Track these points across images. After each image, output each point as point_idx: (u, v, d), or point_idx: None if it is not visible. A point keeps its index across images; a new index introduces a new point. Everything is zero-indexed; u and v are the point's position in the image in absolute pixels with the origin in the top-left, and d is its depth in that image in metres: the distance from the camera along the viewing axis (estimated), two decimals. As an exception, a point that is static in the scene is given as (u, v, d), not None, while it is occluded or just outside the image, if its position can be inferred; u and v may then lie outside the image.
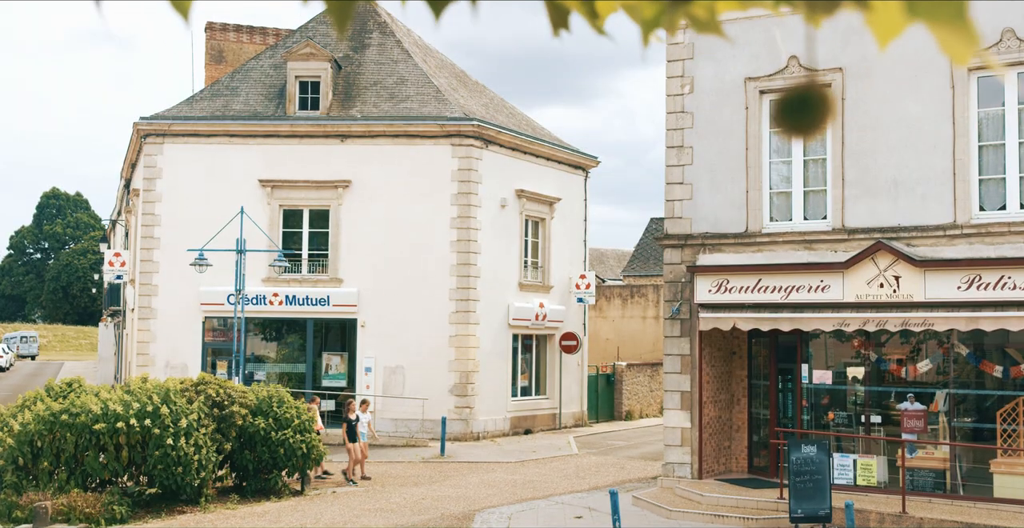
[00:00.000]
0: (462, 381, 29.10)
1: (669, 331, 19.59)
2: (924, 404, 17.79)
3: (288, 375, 29.37)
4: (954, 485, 17.31)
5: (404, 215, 29.25)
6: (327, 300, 29.24)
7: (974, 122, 17.17)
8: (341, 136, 29.73)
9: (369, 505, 18.26)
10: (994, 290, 16.38)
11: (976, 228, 16.82)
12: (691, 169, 19.46)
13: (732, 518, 16.53)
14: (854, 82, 18.07)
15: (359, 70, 31.81)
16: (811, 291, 17.83)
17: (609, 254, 67.59)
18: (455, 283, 29.24)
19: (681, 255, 19.43)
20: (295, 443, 19.06)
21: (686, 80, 19.61)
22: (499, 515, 17.09)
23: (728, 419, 20.03)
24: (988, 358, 17.40)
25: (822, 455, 15.92)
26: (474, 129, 29.49)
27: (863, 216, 17.79)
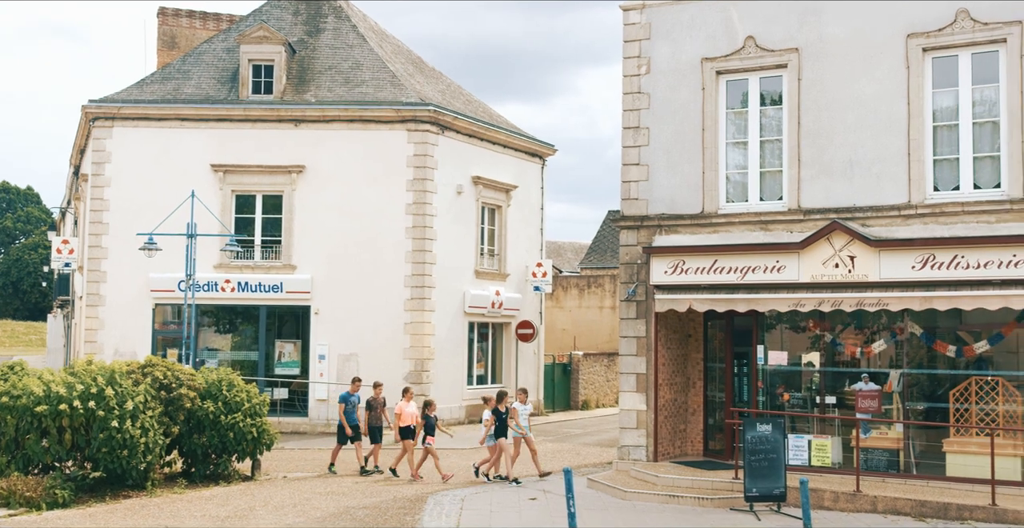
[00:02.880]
0: (417, 369, 28.81)
1: (625, 313, 19.45)
2: (878, 384, 17.80)
3: (240, 363, 28.90)
4: (907, 464, 17.33)
5: (359, 201, 28.90)
6: (280, 287, 28.82)
7: (929, 102, 17.17)
8: (295, 121, 29.31)
9: (320, 489, 17.95)
10: (948, 270, 16.40)
11: (930, 208, 16.83)
12: (647, 150, 19.32)
13: (687, 498, 16.42)
14: (810, 62, 18.01)
15: (314, 54, 31.39)
16: (767, 272, 17.76)
17: (567, 247, 67.53)
18: (410, 270, 28.94)
19: (637, 236, 19.29)
20: (245, 427, 18.71)
21: (643, 60, 19.46)
22: (452, 497, 16.85)
23: (684, 402, 19.93)
24: (941, 338, 17.42)
25: (777, 434, 15.86)
26: (430, 114, 29.19)
27: (819, 197, 17.74)
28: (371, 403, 20.95)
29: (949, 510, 15.10)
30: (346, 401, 21.09)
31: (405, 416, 19.86)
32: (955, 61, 17.08)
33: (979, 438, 16.45)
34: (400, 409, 19.98)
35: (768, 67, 18.43)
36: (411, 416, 19.87)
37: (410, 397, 20.32)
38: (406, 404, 20.04)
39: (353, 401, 21.13)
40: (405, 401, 20.12)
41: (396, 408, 20.19)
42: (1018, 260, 15.90)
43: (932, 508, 15.22)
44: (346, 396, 21.23)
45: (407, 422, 19.80)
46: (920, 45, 17.16)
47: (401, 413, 19.92)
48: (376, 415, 20.87)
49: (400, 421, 19.86)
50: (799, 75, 18.06)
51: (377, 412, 20.89)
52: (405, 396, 20.30)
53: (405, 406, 20.00)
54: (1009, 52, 16.53)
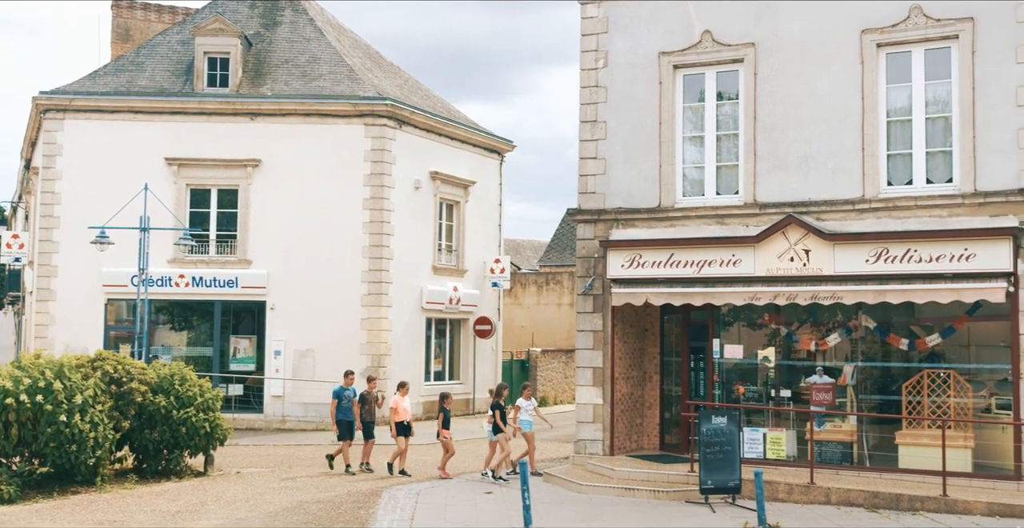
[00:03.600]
0: (374, 365, 28.61)
1: (582, 307, 19.43)
2: (832, 378, 17.91)
3: (195, 359, 28.50)
4: (861, 457, 17.47)
5: (315, 195, 28.64)
6: (235, 282, 28.50)
7: (883, 98, 17.32)
8: (251, 114, 29.00)
9: (274, 484, 17.76)
10: (901, 263, 16.55)
11: (884, 202, 16.97)
12: (604, 144, 19.31)
13: (643, 491, 16.42)
14: (766, 57, 18.09)
15: (270, 47, 31.10)
16: (723, 265, 17.82)
17: (526, 245, 67.47)
18: (367, 265, 28.74)
19: (594, 230, 19.27)
20: (198, 422, 18.43)
21: (600, 54, 19.45)
22: (407, 491, 16.73)
23: (640, 396, 19.95)
24: (895, 332, 17.57)
25: (732, 426, 15.91)
26: (388, 109, 29.01)
27: (774, 191, 17.83)
28: (365, 397, 19.90)
29: (901, 501, 15.22)
30: (339, 396, 20.03)
31: (401, 411, 19.10)
32: (908, 57, 17.24)
33: (931, 430, 16.60)
34: (396, 403, 19.18)
35: (725, 62, 18.49)
36: (407, 411, 19.18)
37: (406, 391, 19.46)
38: (402, 398, 19.25)
39: (348, 396, 20.05)
40: (401, 395, 19.31)
41: (392, 402, 19.34)
42: (969, 254, 16.08)
43: (884, 499, 15.34)
44: (339, 391, 20.14)
45: (403, 417, 19.05)
46: (874, 41, 17.29)
47: (397, 408, 19.13)
48: (369, 410, 19.88)
49: (396, 416, 19.10)
50: (755, 70, 18.13)
51: (370, 406, 19.93)
52: (401, 390, 19.46)
53: (401, 400, 19.20)
54: (961, 48, 16.70)
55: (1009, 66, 16.30)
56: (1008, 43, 16.32)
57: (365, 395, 20.00)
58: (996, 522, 14.16)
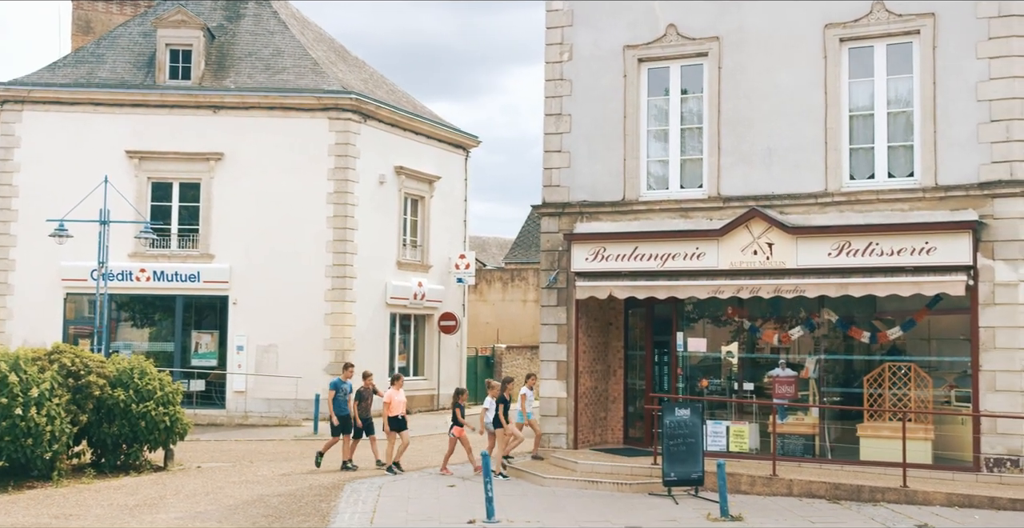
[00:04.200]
0: (338, 360, 28.37)
1: (546, 300, 19.39)
2: (795, 371, 17.99)
3: (156, 354, 28.17)
4: (823, 449, 17.55)
5: (279, 189, 28.42)
6: (197, 276, 28.22)
7: (845, 92, 17.40)
8: (214, 107, 28.72)
9: (235, 478, 17.57)
10: (863, 257, 16.63)
11: (846, 196, 17.05)
12: (569, 137, 19.28)
13: (606, 484, 16.40)
14: (730, 51, 18.13)
15: (233, 40, 30.82)
16: (687, 259, 17.83)
17: (491, 242, 67.34)
18: (331, 260, 28.57)
19: (559, 223, 19.24)
20: (157, 416, 18.21)
21: (565, 47, 19.41)
22: (369, 485, 16.61)
23: (604, 390, 19.93)
24: (856, 325, 17.66)
25: (695, 418, 15.92)
26: (352, 103, 28.83)
27: (738, 184, 17.87)
28: (362, 393, 19.32)
29: (862, 492, 15.30)
30: (337, 388, 19.38)
31: (395, 405, 18.63)
32: (871, 52, 17.33)
33: (892, 423, 16.70)
34: (390, 398, 18.65)
35: (689, 55, 18.51)
36: (401, 405, 18.69)
37: (400, 385, 19.02)
38: (396, 392, 18.75)
39: (345, 389, 19.44)
40: (395, 389, 18.82)
41: (385, 397, 18.77)
42: (930, 247, 16.18)
43: (846, 490, 15.41)
44: (337, 383, 19.53)
45: (396, 412, 18.59)
46: (837, 35, 17.38)
47: (391, 402, 18.62)
48: (366, 406, 19.23)
49: (389, 410, 18.58)
50: (719, 63, 18.16)
51: (367, 403, 19.29)
52: (395, 384, 19.00)
53: (395, 394, 18.71)
54: (922, 43, 16.81)
55: (969, 61, 16.42)
56: (968, 38, 16.44)
57: (362, 391, 19.37)
58: (955, 512, 14.25)
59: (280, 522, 13.55)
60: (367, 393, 19.36)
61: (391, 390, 18.84)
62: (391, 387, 19.03)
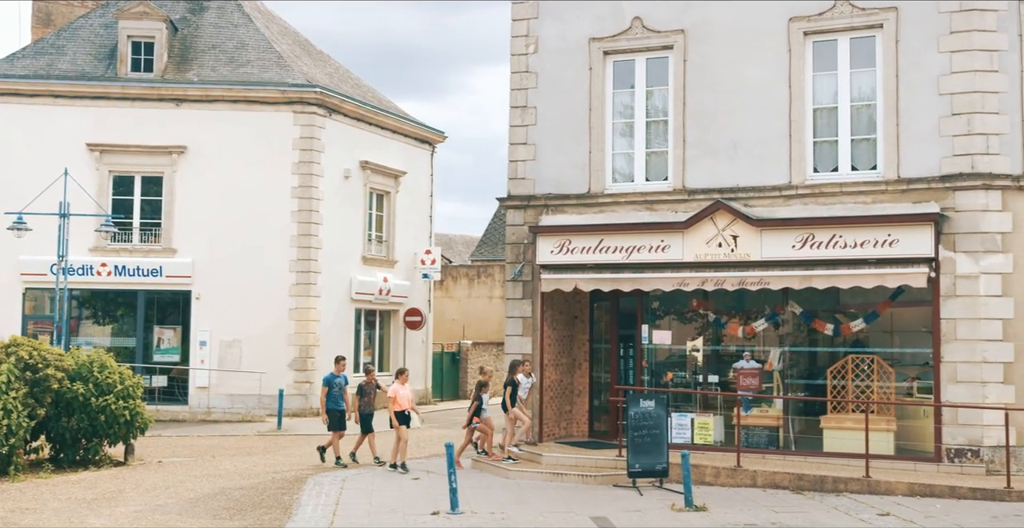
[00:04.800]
0: (302, 355, 28.25)
1: (511, 293, 19.34)
2: (759, 363, 18.05)
3: (117, 350, 27.78)
4: (787, 441, 17.62)
5: (243, 183, 28.15)
6: (159, 271, 27.91)
7: (809, 86, 17.47)
8: (177, 100, 28.42)
9: (196, 472, 17.37)
10: (826, 249, 16.71)
11: (810, 189, 17.13)
12: (534, 130, 19.22)
13: (571, 476, 16.37)
14: (695, 44, 18.15)
15: (196, 33, 30.50)
16: (652, 251, 17.83)
17: (457, 239, 67.22)
18: (296, 254, 28.35)
19: (524, 216, 19.19)
20: (117, 410, 17.95)
21: (531, 39, 19.36)
22: (333, 478, 16.48)
23: (570, 383, 19.90)
24: (820, 317, 17.74)
25: (660, 410, 15.91)
26: (317, 96, 28.63)
27: (703, 177, 17.90)
28: (363, 388, 18.83)
29: (825, 483, 15.37)
30: (330, 384, 18.96)
31: (401, 399, 17.87)
32: (834, 45, 17.42)
33: (855, 415, 16.78)
34: (395, 392, 17.96)
35: (654, 48, 18.52)
36: (406, 399, 18.00)
37: (405, 379, 18.27)
38: (401, 387, 18.07)
39: (339, 383, 19.01)
40: (400, 383, 18.13)
41: (390, 391, 18.06)
42: (893, 240, 16.29)
43: (809, 481, 15.47)
44: (330, 378, 19.08)
45: (402, 407, 17.86)
46: (801, 29, 17.44)
47: (396, 396, 17.89)
48: (367, 402, 18.74)
49: (395, 405, 17.83)
50: (685, 56, 18.19)
51: (369, 398, 18.80)
52: (400, 378, 18.27)
53: (400, 389, 18.03)
54: (885, 37, 16.92)
55: (931, 55, 16.54)
56: (931, 32, 16.56)
57: (364, 386, 18.90)
58: (917, 501, 14.35)
59: (242, 515, 13.40)
60: (369, 388, 18.90)
61: (396, 384, 18.23)
62: (395, 381, 18.38)
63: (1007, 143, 16.24)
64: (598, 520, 12.99)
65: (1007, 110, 16.26)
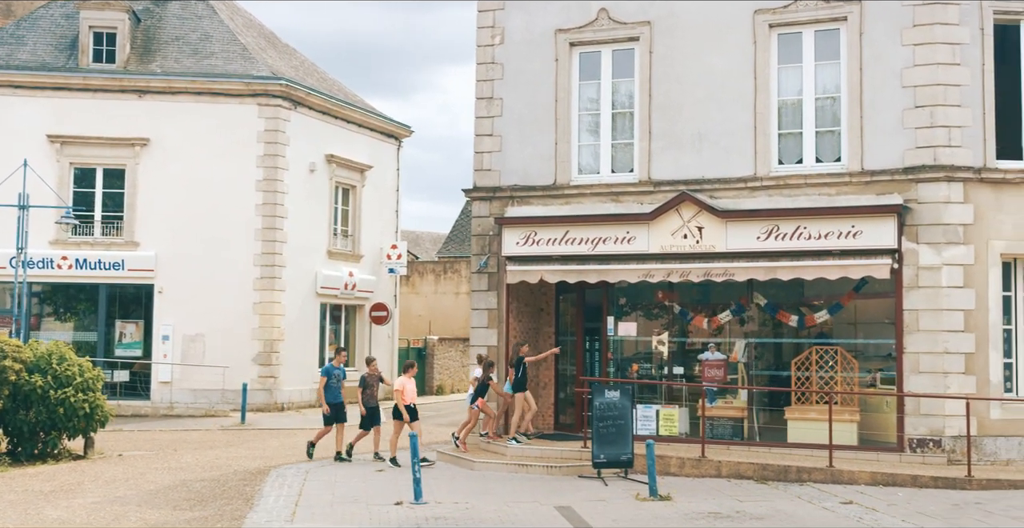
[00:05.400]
0: (266, 350, 28.01)
1: (477, 285, 19.26)
2: (724, 354, 18.08)
3: (78, 344, 27.37)
4: (751, 432, 17.67)
5: (207, 176, 27.87)
6: (121, 264, 27.58)
7: (774, 78, 17.52)
8: (139, 91, 28.08)
9: (157, 465, 17.16)
10: (791, 240, 16.76)
11: (775, 180, 17.18)
12: (500, 121, 19.16)
13: (536, 467, 16.32)
14: (662, 36, 18.15)
15: (160, 24, 30.16)
16: (617, 242, 17.82)
17: (425, 237, 66.95)
18: (260, 248, 28.10)
19: (489, 208, 19.12)
20: (76, 402, 17.69)
21: (496, 30, 19.29)
22: (296, 470, 16.34)
23: (535, 376, 19.80)
24: (785, 309, 17.81)
25: (625, 400, 15.90)
26: (282, 89, 28.39)
27: (669, 169, 17.90)
28: (366, 380, 18.19)
29: (789, 472, 15.42)
30: (329, 375, 18.27)
31: (408, 393, 17.34)
32: (799, 38, 17.49)
33: (818, 406, 16.84)
34: (402, 386, 17.39)
35: (621, 40, 18.51)
36: (413, 393, 17.53)
37: (413, 372, 17.80)
38: (408, 380, 17.54)
39: (337, 374, 18.32)
40: (407, 377, 17.60)
41: (397, 384, 17.50)
42: (856, 231, 16.36)
43: (773, 471, 15.51)
44: (329, 369, 18.42)
45: (410, 400, 17.36)
46: (767, 21, 17.49)
47: (403, 390, 17.32)
48: (370, 394, 18.07)
49: (403, 399, 17.29)
50: (651, 48, 18.18)
51: (372, 391, 18.12)
52: (407, 372, 17.74)
53: (407, 382, 17.48)
54: (849, 30, 17.01)
55: (895, 48, 16.64)
56: (894, 25, 16.65)
57: (367, 378, 18.26)
58: (879, 490, 14.42)
59: (203, 505, 13.24)
60: (372, 380, 18.28)
61: (403, 378, 17.66)
62: (403, 375, 17.83)
63: (969, 136, 16.36)
64: (562, 509, 12.94)
65: (969, 103, 16.38)
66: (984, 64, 16.47)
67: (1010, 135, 16.70)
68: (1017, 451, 15.93)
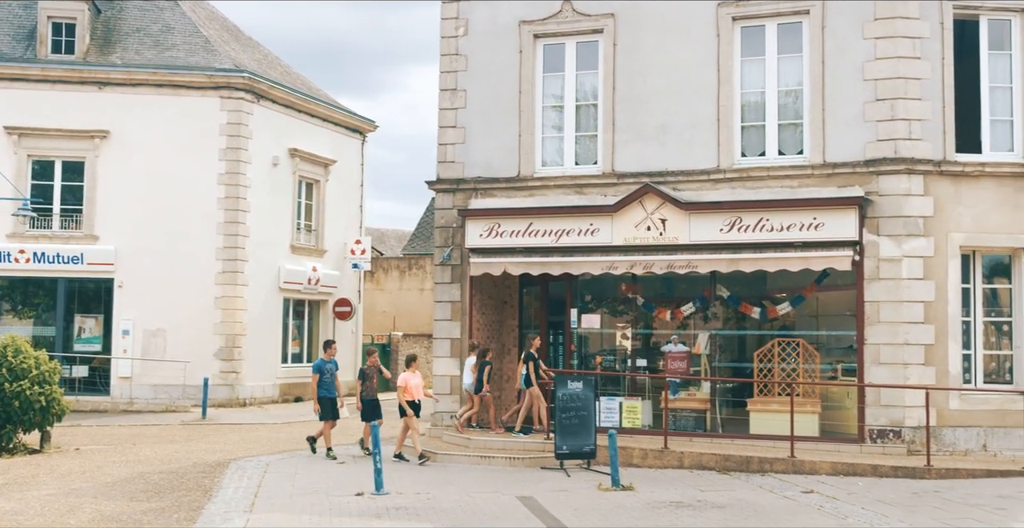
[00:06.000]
0: (228, 345, 27.75)
1: (440, 278, 19.17)
2: (688, 346, 18.10)
3: (36, 339, 27.03)
4: (714, 424, 17.72)
5: (168, 169, 27.55)
6: (81, 258, 27.21)
7: (738, 71, 17.56)
8: (99, 83, 27.72)
9: (115, 458, 16.93)
10: (753, 232, 16.80)
11: (738, 173, 17.22)
12: (464, 113, 19.08)
13: (499, 459, 16.27)
14: (626, 28, 18.15)
15: (120, 15, 29.80)
16: (581, 235, 17.80)
17: (390, 234, 66.67)
18: (222, 242, 27.82)
19: (453, 200, 19.04)
20: (32, 396, 17.40)
21: (460, 22, 19.20)
22: (256, 462, 16.18)
23: (499, 369, 19.77)
24: (747, 301, 17.86)
25: (588, 392, 15.88)
26: (245, 82, 28.13)
27: (632, 161, 17.90)
28: (365, 372, 17.79)
29: (751, 463, 15.46)
30: (321, 370, 17.57)
31: (411, 388, 16.82)
32: (762, 31, 17.53)
33: (780, 397, 16.90)
34: (405, 381, 16.86)
35: (585, 32, 18.48)
36: (418, 388, 16.96)
37: (416, 367, 17.20)
38: (412, 375, 16.98)
39: (330, 369, 17.65)
40: (411, 372, 17.04)
41: (400, 380, 16.96)
42: (818, 223, 16.44)
43: (736, 462, 15.54)
44: (320, 364, 17.67)
45: (414, 395, 16.85)
46: (730, 14, 17.53)
47: (407, 385, 16.81)
48: (370, 387, 17.62)
49: (406, 394, 16.76)
50: (615, 40, 18.17)
51: (371, 383, 17.66)
52: (411, 366, 17.15)
53: (411, 377, 16.93)
54: (811, 23, 17.07)
55: (856, 41, 16.73)
56: (856, 19, 16.74)
57: (366, 370, 17.84)
58: (840, 480, 14.49)
59: (159, 497, 13.06)
60: (371, 372, 17.82)
61: (407, 373, 17.10)
62: (407, 370, 17.21)
63: (929, 129, 16.48)
64: (524, 499, 12.88)
65: (929, 96, 16.51)
66: (944, 58, 16.59)
67: (969, 129, 16.85)
68: (975, 441, 16.07)
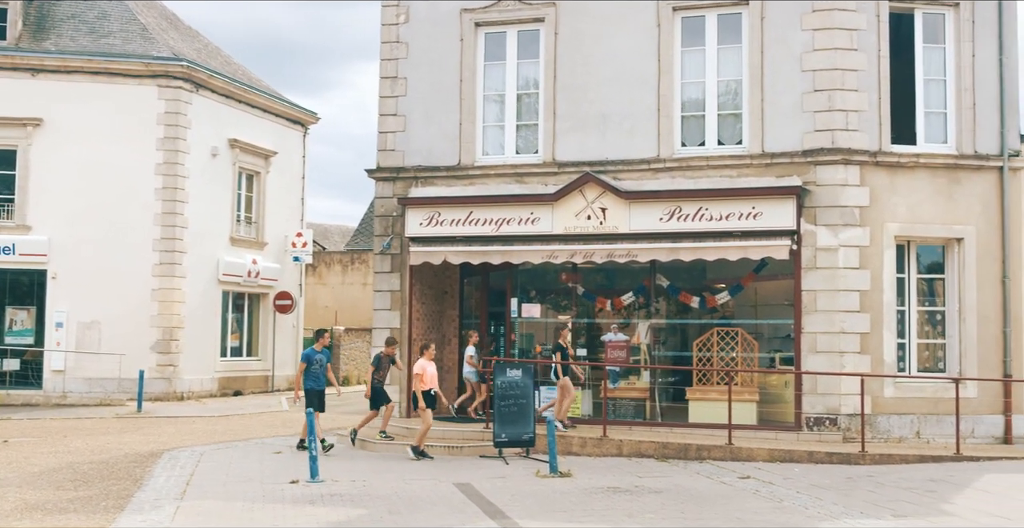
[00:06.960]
0: (165, 338, 27.28)
1: (379, 267, 19.01)
2: (627, 336, 18.12)
3: (-35, 332, 26.50)
4: (654, 413, 17.76)
5: (104, 159, 27.00)
6: (12, 249, 26.58)
7: (678, 60, 17.61)
8: (32, 70, 27.11)
9: (44, 449, 16.53)
10: (693, 222, 16.86)
11: (678, 162, 17.28)
12: (404, 101, 18.94)
13: (438, 448, 16.14)
14: (567, 17, 18.12)
15: (54, 2, 29.17)
16: (521, 223, 17.74)
17: (333, 230, 66.19)
18: (160, 233, 27.33)
19: (393, 188, 18.88)
20: (-41, 386, 16.97)
21: (401, 9, 19.05)
22: (191, 452, 15.90)
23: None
24: (687, 290, 17.93)
25: (527, 380, 15.81)
26: (183, 71, 27.67)
27: (573, 150, 17.88)
28: (380, 361, 17.17)
29: (689, 451, 15.50)
30: (309, 359, 16.62)
31: (427, 378, 15.87)
32: (702, 21, 17.61)
33: (719, 386, 16.96)
34: (423, 369, 15.90)
35: (526, 20, 18.43)
36: (434, 378, 16.00)
37: (431, 355, 16.08)
38: (428, 363, 15.98)
39: (319, 359, 16.77)
40: (426, 359, 16.01)
41: (416, 367, 16.09)
42: (757, 212, 16.54)
43: (674, 449, 15.58)
44: (310, 354, 16.73)
45: (429, 385, 15.90)
46: (670, 4, 17.58)
47: (424, 374, 15.87)
48: (381, 377, 17.04)
49: (422, 384, 15.85)
50: (556, 29, 18.14)
51: (383, 373, 17.09)
52: (425, 354, 16.08)
53: (427, 365, 15.94)
54: (751, 14, 17.19)
55: (795, 32, 16.86)
56: (794, 10, 16.87)
57: (381, 359, 17.22)
58: (776, 466, 14.59)
59: (88, 486, 12.76)
60: (386, 362, 17.22)
61: (423, 360, 16.09)
62: (421, 357, 16.21)
63: (865, 120, 16.66)
64: (461, 486, 12.79)
65: (866, 88, 16.69)
66: (880, 50, 16.79)
67: (904, 121, 17.07)
68: (909, 428, 16.28)
